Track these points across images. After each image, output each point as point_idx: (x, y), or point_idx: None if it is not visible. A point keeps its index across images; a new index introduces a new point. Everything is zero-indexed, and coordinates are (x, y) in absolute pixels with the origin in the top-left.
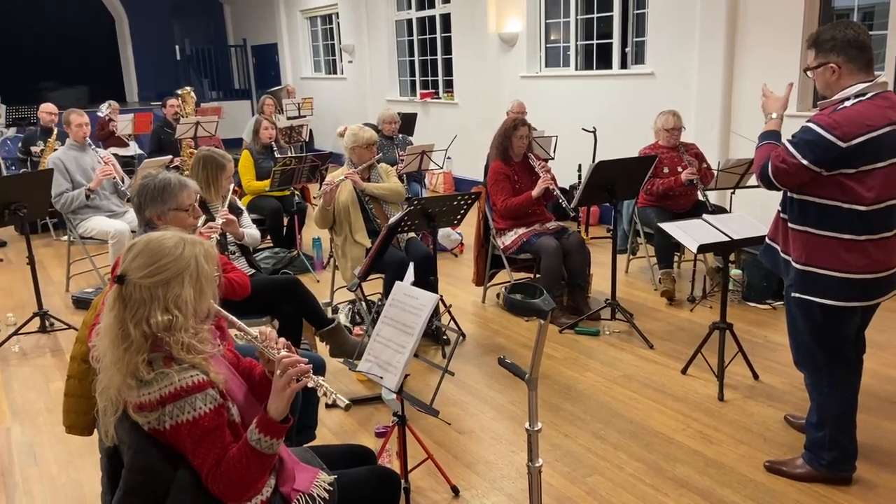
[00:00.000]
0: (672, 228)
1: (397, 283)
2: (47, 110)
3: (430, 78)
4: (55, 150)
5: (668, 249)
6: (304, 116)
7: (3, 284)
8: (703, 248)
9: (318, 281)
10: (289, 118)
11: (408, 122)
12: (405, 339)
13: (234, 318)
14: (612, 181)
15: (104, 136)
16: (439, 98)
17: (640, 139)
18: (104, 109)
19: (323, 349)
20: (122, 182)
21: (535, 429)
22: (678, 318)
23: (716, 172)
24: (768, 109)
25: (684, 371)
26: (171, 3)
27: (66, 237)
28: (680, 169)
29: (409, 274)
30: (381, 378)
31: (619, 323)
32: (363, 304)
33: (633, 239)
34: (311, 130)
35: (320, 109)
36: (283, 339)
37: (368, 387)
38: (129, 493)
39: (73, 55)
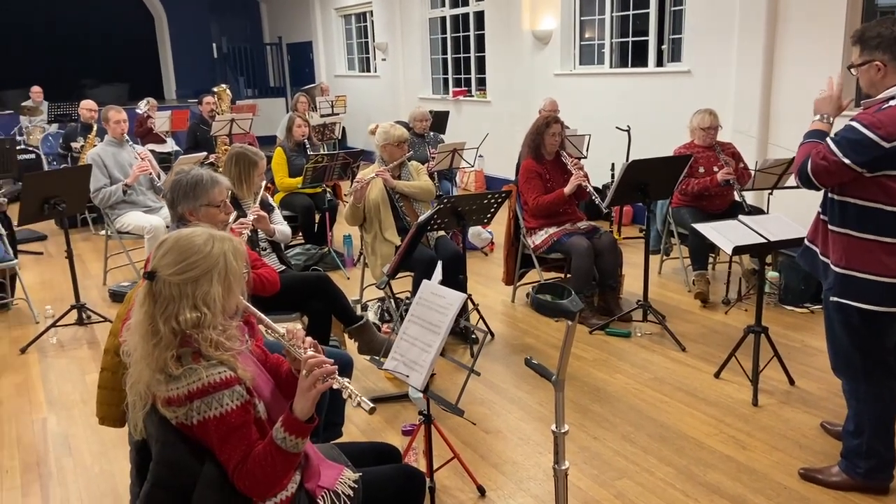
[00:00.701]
0: (707, 229)
1: (424, 281)
2: (87, 107)
3: (462, 76)
4: (94, 146)
5: (702, 250)
6: (338, 114)
7: (43, 277)
8: (738, 250)
9: (349, 278)
10: (322, 116)
11: (440, 120)
12: (432, 338)
13: (263, 316)
14: (645, 181)
15: (142, 132)
16: (472, 96)
17: (676, 138)
18: (143, 106)
19: (352, 346)
20: (159, 178)
21: (562, 431)
22: (712, 321)
23: (753, 172)
24: (821, 109)
25: (717, 375)
26: (209, 2)
27: (103, 232)
28: (716, 169)
29: (438, 272)
30: (408, 377)
31: (651, 325)
32: (391, 301)
33: (666, 239)
34: (343, 128)
35: (353, 107)
36: (309, 339)
37: (396, 384)
38: (157, 486)
39: (113, 53)
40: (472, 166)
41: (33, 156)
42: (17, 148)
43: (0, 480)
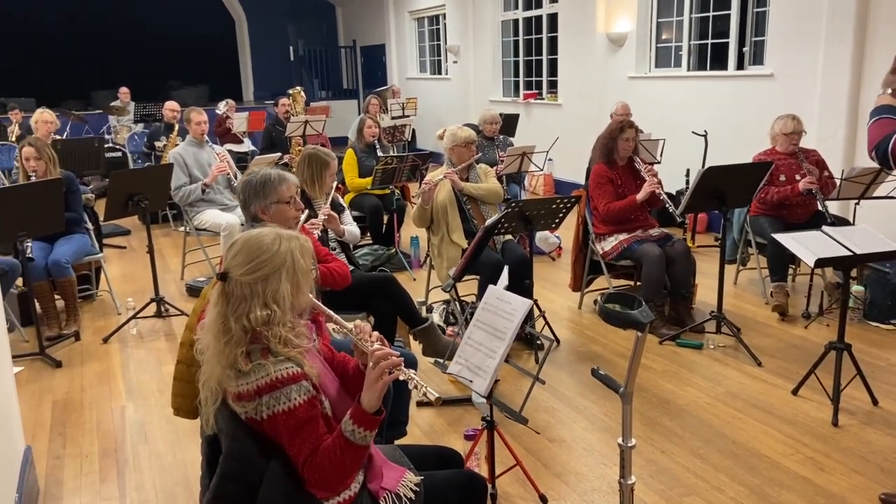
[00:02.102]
0: (787, 240)
1: (490, 286)
2: (170, 108)
3: (534, 79)
4: (176, 145)
5: (781, 261)
6: (408, 116)
7: (125, 270)
8: (821, 263)
9: (415, 279)
10: (393, 118)
11: (509, 123)
12: (496, 344)
13: (331, 312)
14: (722, 188)
15: (221, 132)
16: (542, 99)
17: (756, 144)
18: (222, 107)
19: (416, 348)
20: (235, 177)
21: (629, 444)
22: (790, 335)
23: (838, 182)
24: (892, 83)
25: (795, 392)
26: (287, 6)
27: (182, 228)
28: (798, 177)
29: (504, 277)
30: (471, 382)
31: (725, 337)
32: (456, 304)
33: (743, 249)
34: (413, 130)
35: (423, 109)
36: (376, 333)
37: (460, 388)
38: (226, 480)
39: (196, 56)
40: (542, 170)
41: (120, 154)
42: (105, 146)
43: (80, 465)
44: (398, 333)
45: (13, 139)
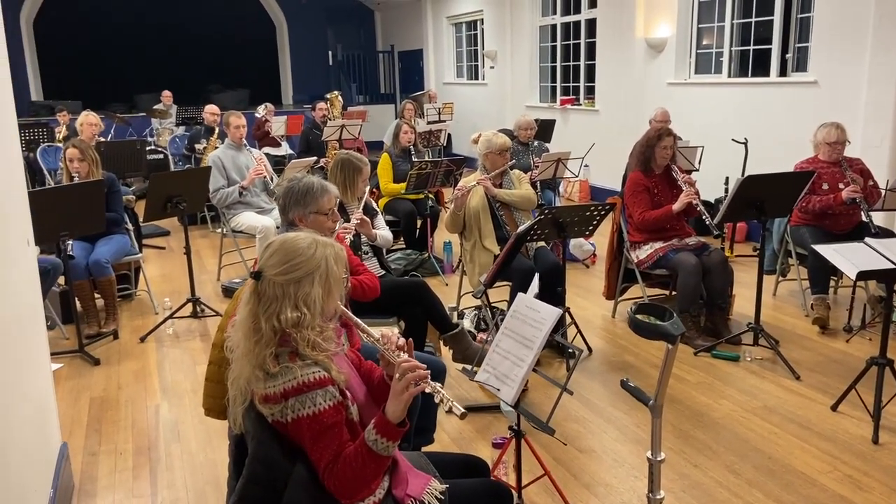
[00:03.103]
0: (828, 251)
1: (520, 294)
2: (211, 111)
3: (571, 84)
4: (216, 148)
5: (823, 273)
6: (444, 121)
7: (163, 270)
8: (863, 275)
9: (447, 284)
10: (429, 122)
11: (546, 129)
12: (524, 353)
13: (358, 320)
14: (761, 197)
15: (259, 135)
16: (579, 104)
17: (798, 152)
18: (261, 111)
19: (447, 353)
20: (272, 181)
21: (658, 459)
22: (831, 349)
23: (883, 192)
24: None
25: (835, 408)
26: (327, 11)
27: (220, 230)
28: (841, 186)
29: (534, 285)
30: (498, 390)
31: (763, 349)
32: (487, 310)
33: (783, 259)
34: (449, 135)
35: (459, 114)
36: (402, 340)
37: (489, 395)
38: (251, 482)
39: (236, 60)
40: (577, 176)
41: (161, 156)
42: (148, 148)
43: (114, 461)
44: (428, 339)
45: (59, 140)
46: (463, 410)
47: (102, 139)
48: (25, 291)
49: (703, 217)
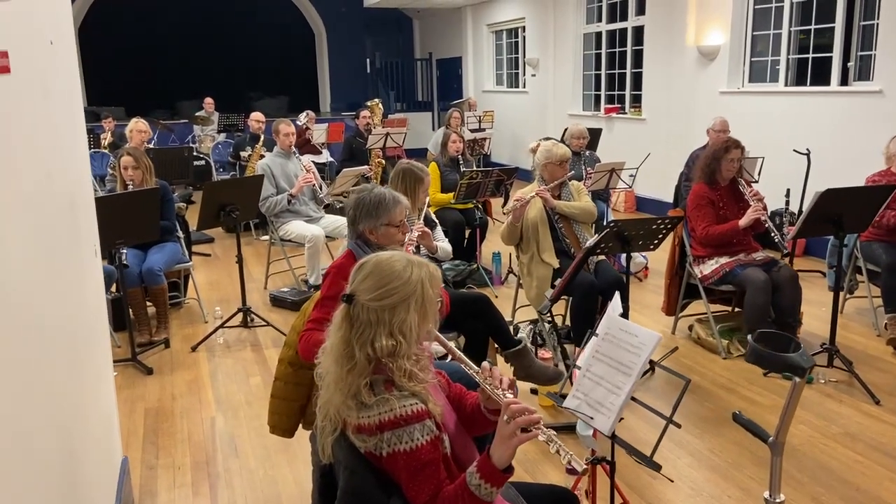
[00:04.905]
0: None
1: (612, 316)
2: (256, 118)
3: (616, 92)
4: (261, 155)
5: None
6: (484, 130)
7: (210, 278)
8: None
9: (496, 296)
10: (470, 131)
11: (592, 138)
12: (621, 380)
13: (454, 349)
14: (840, 212)
15: (300, 143)
16: (625, 113)
17: (864, 164)
18: (302, 118)
19: (505, 369)
20: (321, 189)
21: (778, 500)
22: None
23: None
24: None
25: None
26: (365, 19)
27: (265, 237)
28: None
29: (616, 303)
30: (592, 419)
31: (837, 371)
32: (544, 325)
33: (851, 276)
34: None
35: (499, 122)
36: (507, 378)
37: (553, 414)
38: None
39: (276, 67)
40: (631, 187)
41: (203, 162)
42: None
43: (173, 476)
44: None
45: (105, 146)
46: (585, 467)
47: (149, 146)
48: (95, 303)
49: (773, 235)
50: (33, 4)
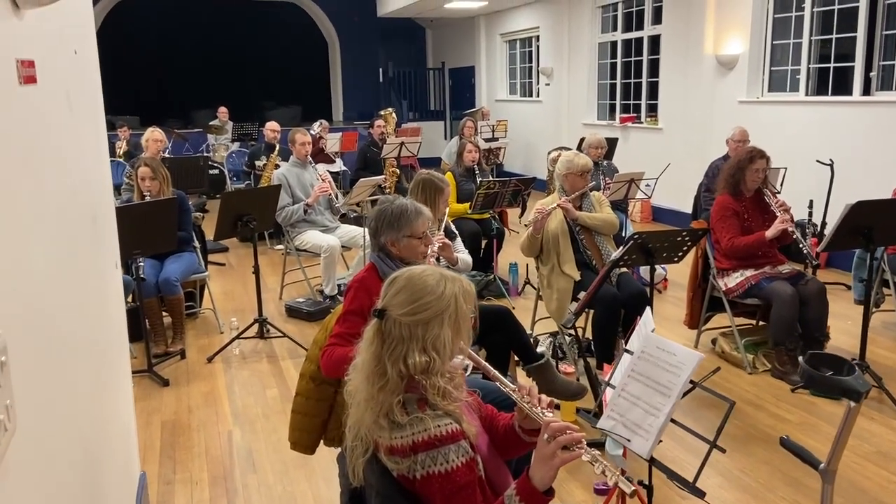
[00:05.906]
0: None
1: (649, 334)
2: (272, 128)
3: (631, 102)
4: (277, 165)
5: None
6: (498, 139)
7: (225, 288)
8: None
9: (514, 307)
10: (484, 140)
11: (608, 148)
12: (660, 401)
13: (488, 366)
14: (870, 224)
15: (313, 152)
16: (641, 123)
17: (891, 176)
18: (316, 128)
19: (526, 383)
20: (337, 198)
21: None
22: None
23: None
24: None
25: None
26: (378, 29)
27: (279, 246)
28: None
29: (648, 319)
30: (629, 441)
31: None
32: (565, 338)
33: (878, 289)
34: None
35: (512, 132)
36: (545, 397)
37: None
38: None
39: (289, 77)
40: (650, 197)
41: (217, 171)
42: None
43: (190, 492)
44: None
45: (120, 155)
46: (633, 488)
47: (165, 155)
48: (115, 315)
49: (801, 246)
50: (58, 11)
